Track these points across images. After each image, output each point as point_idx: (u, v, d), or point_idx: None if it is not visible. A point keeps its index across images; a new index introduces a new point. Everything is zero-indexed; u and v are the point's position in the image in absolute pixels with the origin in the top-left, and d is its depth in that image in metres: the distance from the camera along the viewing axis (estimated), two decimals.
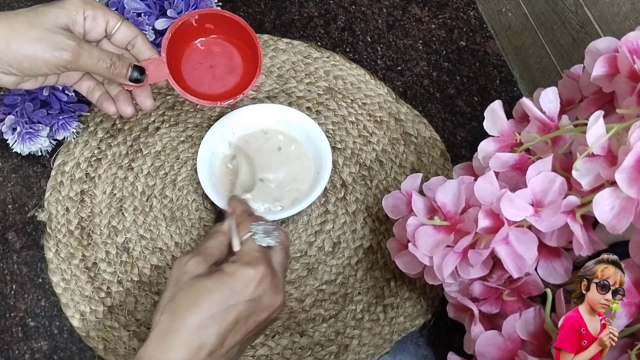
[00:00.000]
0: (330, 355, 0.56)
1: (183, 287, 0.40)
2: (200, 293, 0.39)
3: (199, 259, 0.41)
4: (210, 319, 0.38)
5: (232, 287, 0.39)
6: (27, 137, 0.59)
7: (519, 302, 0.48)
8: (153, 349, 0.38)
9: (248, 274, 0.40)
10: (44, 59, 0.45)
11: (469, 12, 0.80)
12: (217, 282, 0.39)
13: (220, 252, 0.43)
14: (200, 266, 0.41)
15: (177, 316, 0.38)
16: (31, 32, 0.44)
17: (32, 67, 0.45)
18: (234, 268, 0.40)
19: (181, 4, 0.66)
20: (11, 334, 0.56)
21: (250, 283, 0.40)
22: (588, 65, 0.46)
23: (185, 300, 0.39)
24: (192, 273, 0.40)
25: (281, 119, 0.64)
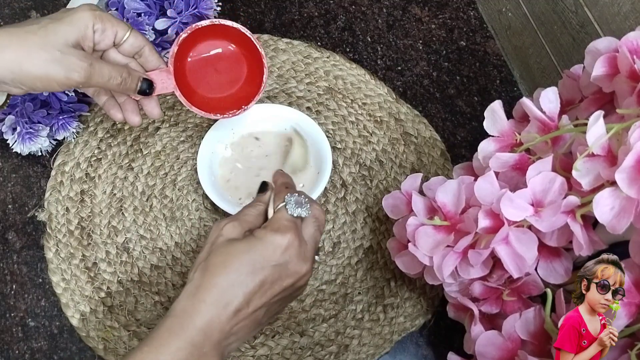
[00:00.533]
0: (330, 355, 0.56)
1: (216, 248, 0.42)
2: (230, 254, 0.42)
3: (235, 224, 0.44)
4: (238, 279, 0.41)
5: (261, 251, 0.42)
6: (27, 137, 0.59)
7: (519, 302, 0.48)
8: (184, 303, 0.40)
9: (276, 240, 0.42)
10: (56, 80, 0.46)
11: (469, 12, 0.80)
12: (247, 246, 0.42)
13: (256, 219, 0.46)
14: (235, 230, 0.44)
15: (208, 274, 0.41)
16: (43, 54, 0.45)
17: (45, 86, 0.47)
18: (264, 233, 0.43)
19: (181, 4, 0.66)
20: (11, 334, 0.56)
21: (277, 249, 0.42)
22: (588, 65, 0.46)
23: (217, 260, 0.42)
24: (227, 236, 0.43)
25: (281, 118, 0.64)
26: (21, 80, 0.45)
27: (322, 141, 0.62)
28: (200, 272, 0.42)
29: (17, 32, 0.45)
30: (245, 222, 0.45)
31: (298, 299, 0.58)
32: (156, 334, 0.40)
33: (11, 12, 0.75)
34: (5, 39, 0.44)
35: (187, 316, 0.40)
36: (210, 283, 0.40)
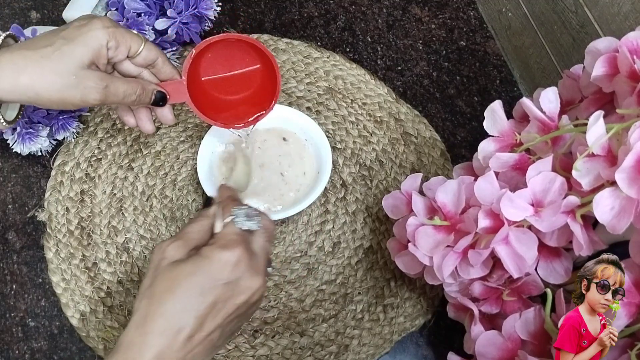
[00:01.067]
0: (330, 355, 0.56)
1: (160, 272, 0.40)
2: (176, 278, 0.39)
3: (179, 244, 0.41)
4: (187, 303, 0.38)
5: (208, 270, 0.39)
6: (27, 137, 0.59)
7: (519, 302, 0.48)
8: (132, 335, 0.38)
9: (224, 256, 0.40)
10: (72, 103, 0.46)
11: (469, 12, 0.80)
12: (193, 266, 0.39)
13: (201, 236, 0.43)
14: (179, 251, 0.41)
15: (154, 302, 0.38)
16: (59, 80, 0.45)
17: (61, 107, 0.47)
18: (210, 251, 0.40)
19: (181, 4, 0.66)
20: (11, 334, 0.56)
21: (226, 266, 0.40)
22: (588, 65, 0.46)
23: (162, 285, 0.39)
24: (171, 258, 0.40)
25: (281, 118, 0.64)
26: (37, 103, 0.46)
27: (322, 141, 0.62)
28: (145, 300, 0.39)
29: (32, 56, 0.44)
30: (189, 240, 0.42)
31: (298, 299, 0.58)
32: None
33: (11, 12, 0.75)
34: (21, 64, 0.44)
35: (136, 350, 0.37)
36: (157, 312, 0.38)
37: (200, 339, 0.39)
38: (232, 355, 0.55)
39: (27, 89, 0.44)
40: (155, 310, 0.38)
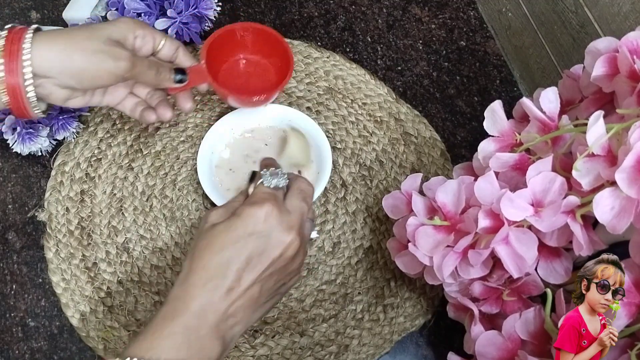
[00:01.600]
0: (330, 355, 0.56)
1: (201, 234, 0.43)
2: (213, 235, 0.42)
3: (220, 211, 0.45)
4: (223, 257, 0.41)
5: (240, 226, 0.42)
6: (27, 137, 0.59)
7: (519, 302, 0.48)
8: (176, 290, 0.41)
9: (253, 211, 0.43)
10: (105, 69, 0.48)
11: (469, 12, 0.80)
12: (227, 225, 0.43)
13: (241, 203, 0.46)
14: (219, 216, 0.44)
15: (195, 258, 0.42)
16: (91, 45, 0.47)
17: (94, 77, 0.48)
18: (242, 209, 0.43)
19: (181, 4, 0.66)
20: (11, 334, 0.56)
21: (256, 221, 0.42)
22: (588, 65, 0.46)
23: (202, 243, 0.42)
24: (211, 222, 0.44)
25: (281, 118, 0.64)
26: (71, 71, 0.47)
27: (322, 141, 0.62)
28: (188, 259, 0.42)
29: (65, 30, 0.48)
30: (230, 207, 0.45)
31: (298, 299, 0.58)
32: (151, 323, 0.40)
33: (11, 12, 0.75)
34: (53, 35, 0.47)
35: (180, 301, 0.40)
36: (198, 266, 0.41)
37: (240, 293, 0.41)
38: (232, 355, 0.55)
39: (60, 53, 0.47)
40: (196, 265, 0.41)
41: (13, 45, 0.46)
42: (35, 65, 0.46)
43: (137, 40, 0.52)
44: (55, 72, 0.47)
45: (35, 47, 0.46)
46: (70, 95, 0.50)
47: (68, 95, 0.50)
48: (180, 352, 0.38)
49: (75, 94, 0.51)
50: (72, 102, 0.51)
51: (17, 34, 0.46)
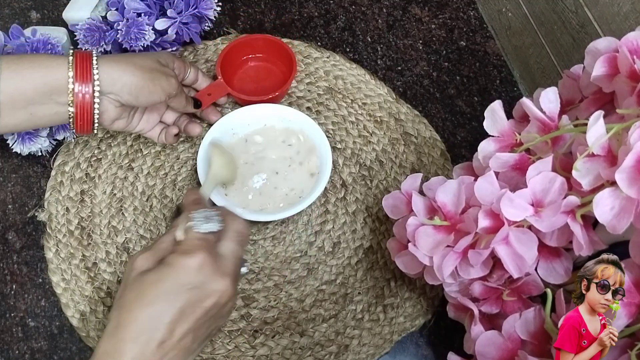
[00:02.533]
0: (330, 355, 0.56)
1: (130, 283, 0.41)
2: (143, 286, 0.40)
3: (147, 255, 0.43)
4: (155, 310, 0.39)
5: (172, 277, 0.40)
6: (27, 137, 0.59)
7: (519, 302, 0.48)
8: (105, 344, 0.39)
9: (186, 262, 0.41)
10: (160, 85, 0.53)
11: (469, 12, 0.80)
12: (158, 274, 0.41)
13: (169, 246, 0.44)
14: (147, 262, 0.42)
15: (124, 311, 0.40)
16: (148, 64, 0.53)
17: (151, 92, 0.53)
18: (173, 258, 0.41)
19: (181, 4, 0.66)
20: (11, 334, 0.56)
21: (188, 271, 0.40)
22: (588, 65, 0.46)
23: (131, 295, 0.40)
24: (139, 269, 0.42)
25: (281, 118, 0.64)
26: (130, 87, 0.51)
27: (321, 141, 0.62)
28: (116, 310, 0.40)
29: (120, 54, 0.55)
30: (158, 250, 0.43)
31: (298, 299, 0.58)
32: None
33: (11, 12, 0.75)
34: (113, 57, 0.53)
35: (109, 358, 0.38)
36: (127, 320, 0.39)
37: (172, 345, 0.39)
38: (232, 355, 0.55)
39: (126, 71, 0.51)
40: (125, 319, 0.39)
41: (84, 61, 0.50)
42: (101, 79, 0.50)
43: (175, 71, 0.58)
44: (117, 87, 0.51)
45: (101, 64, 0.50)
46: (119, 116, 0.54)
47: (118, 115, 0.54)
48: None
49: (123, 115, 0.55)
50: (117, 124, 0.55)
51: (84, 53, 0.50)
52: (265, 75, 0.71)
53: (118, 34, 0.64)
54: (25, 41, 0.60)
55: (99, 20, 0.65)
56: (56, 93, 0.49)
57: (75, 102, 0.50)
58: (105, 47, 0.65)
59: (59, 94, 0.49)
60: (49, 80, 0.48)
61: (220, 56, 0.67)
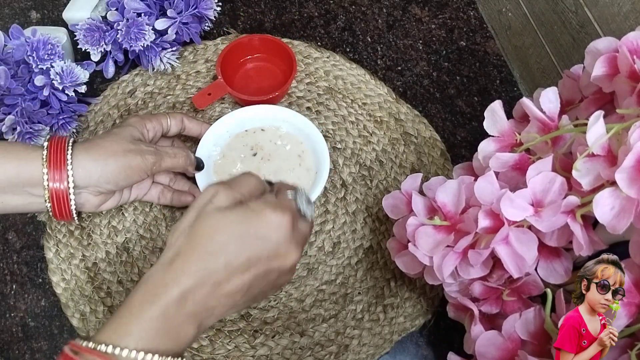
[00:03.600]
0: (330, 355, 0.56)
1: (205, 214, 0.40)
2: (220, 223, 0.39)
3: (229, 193, 0.41)
4: (224, 250, 0.38)
5: (253, 224, 0.39)
6: (27, 137, 0.59)
7: (519, 302, 0.48)
8: (162, 270, 0.38)
9: (272, 216, 0.40)
10: (136, 166, 0.51)
11: (469, 12, 0.80)
12: (239, 216, 0.39)
13: (250, 191, 0.43)
14: (227, 199, 0.41)
15: (192, 241, 0.39)
16: (120, 147, 0.50)
17: (128, 176, 0.51)
18: (260, 206, 0.40)
19: (181, 4, 0.66)
20: (11, 334, 0.56)
21: (271, 225, 0.40)
22: (588, 65, 0.46)
23: (204, 228, 0.39)
24: (218, 204, 0.40)
25: (277, 119, 0.64)
26: (107, 176, 0.50)
27: (319, 141, 0.62)
28: (183, 238, 0.39)
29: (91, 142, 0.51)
30: (240, 191, 0.42)
31: (298, 299, 0.58)
32: (129, 303, 0.37)
33: (11, 12, 0.75)
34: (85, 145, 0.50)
35: (162, 285, 0.37)
36: (194, 252, 0.38)
37: (226, 290, 0.39)
38: (232, 355, 0.55)
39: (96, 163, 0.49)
40: (192, 250, 0.38)
41: (57, 155, 0.48)
42: (76, 175, 0.49)
43: (149, 133, 0.55)
44: (94, 180, 0.49)
45: (76, 157, 0.49)
46: (104, 200, 0.53)
47: (102, 201, 0.53)
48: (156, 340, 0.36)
49: (108, 197, 0.53)
50: (104, 206, 0.54)
51: (58, 144, 0.49)
52: (265, 75, 0.71)
53: (118, 34, 0.64)
54: (25, 41, 0.60)
55: (99, 20, 0.65)
56: (29, 186, 0.48)
57: (50, 197, 0.48)
58: (105, 47, 0.65)
59: (32, 187, 0.48)
60: (22, 172, 0.47)
61: (220, 56, 0.67)
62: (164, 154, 0.53)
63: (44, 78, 0.59)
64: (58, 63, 0.60)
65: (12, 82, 0.58)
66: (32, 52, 0.59)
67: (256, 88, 0.69)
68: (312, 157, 0.62)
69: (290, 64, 0.68)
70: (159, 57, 0.66)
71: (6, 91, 0.58)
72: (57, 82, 0.59)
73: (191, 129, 0.60)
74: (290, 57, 0.68)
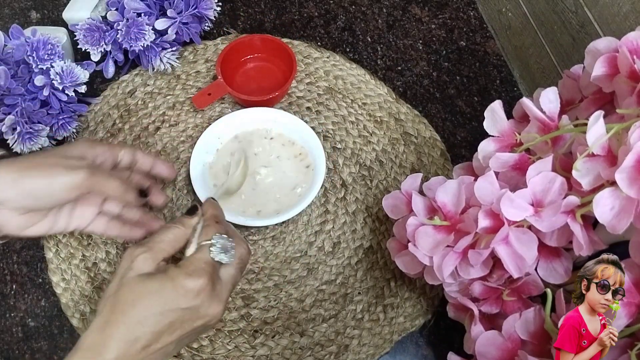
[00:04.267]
0: (330, 355, 0.56)
1: (127, 283, 0.41)
2: (141, 293, 0.40)
3: (147, 256, 0.42)
4: (146, 318, 0.40)
5: (171, 293, 0.41)
6: (27, 137, 0.59)
7: (519, 302, 0.48)
8: (92, 337, 0.39)
9: (188, 283, 0.41)
10: (58, 182, 0.44)
11: (469, 12, 0.80)
12: (158, 285, 0.41)
13: (173, 247, 0.44)
14: (147, 263, 0.42)
15: (117, 310, 0.40)
16: (47, 161, 0.45)
17: (50, 192, 0.44)
18: (176, 274, 0.41)
19: (181, 4, 0.66)
20: (11, 334, 0.56)
21: (188, 293, 0.41)
22: (588, 65, 0.46)
23: (127, 296, 0.40)
24: (138, 270, 0.42)
25: (270, 121, 0.64)
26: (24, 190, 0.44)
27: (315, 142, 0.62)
28: (109, 306, 0.40)
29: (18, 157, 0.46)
30: (160, 251, 0.43)
31: (298, 299, 0.58)
32: None
33: (11, 12, 0.75)
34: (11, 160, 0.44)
35: (96, 352, 0.39)
36: (119, 319, 0.40)
37: (155, 349, 0.41)
38: (232, 355, 0.55)
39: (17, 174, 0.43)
40: (116, 318, 0.40)
41: None
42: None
43: (97, 158, 0.49)
44: (10, 194, 0.43)
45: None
46: (28, 222, 0.46)
47: (25, 222, 0.46)
48: None
49: (34, 219, 0.47)
50: (32, 230, 0.47)
51: None
52: (265, 75, 0.71)
53: (118, 34, 0.64)
54: (25, 41, 0.60)
55: (99, 20, 0.65)
56: None
57: None
58: (105, 47, 0.65)
59: None
60: None
61: (220, 56, 0.67)
62: (99, 172, 0.46)
63: (44, 78, 0.59)
64: (58, 63, 0.60)
65: (12, 82, 0.58)
66: (32, 52, 0.59)
67: (256, 88, 0.69)
68: (308, 158, 0.62)
69: (290, 64, 0.68)
70: (159, 57, 0.66)
71: (6, 91, 0.58)
72: (57, 82, 0.59)
73: (144, 163, 0.53)
74: (290, 57, 0.68)
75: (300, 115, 0.67)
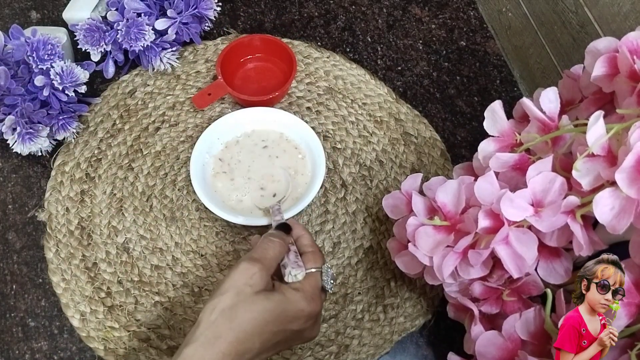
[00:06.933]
0: (330, 355, 0.56)
1: (244, 299, 0.42)
2: (259, 312, 0.42)
3: (264, 274, 0.44)
4: (260, 335, 0.42)
5: (288, 314, 0.43)
6: (27, 137, 0.59)
7: (519, 302, 0.48)
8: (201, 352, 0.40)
9: (307, 308, 0.44)
10: None
11: (469, 12, 0.80)
12: (277, 305, 0.43)
13: (277, 263, 0.46)
14: (263, 281, 0.44)
15: (233, 325, 0.41)
16: None
17: None
18: (297, 298, 0.44)
19: (181, 4, 0.66)
20: (11, 334, 0.56)
21: (302, 316, 0.44)
22: (588, 65, 0.46)
23: (244, 313, 0.41)
24: (256, 287, 0.43)
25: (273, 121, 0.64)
26: None
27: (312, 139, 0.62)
28: (223, 319, 0.41)
29: None
30: (270, 268, 0.45)
31: None
32: None
33: (11, 12, 0.75)
34: None
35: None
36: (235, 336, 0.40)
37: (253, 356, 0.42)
38: None
39: None
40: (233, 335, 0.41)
41: None
42: None
43: None
44: None
45: None
46: None
47: None
48: None
49: None
50: None
51: None
52: (265, 75, 0.71)
53: (118, 34, 0.64)
54: (25, 41, 0.60)
55: (99, 20, 0.65)
56: None
57: None
58: (105, 47, 0.65)
59: None
60: None
61: (220, 56, 0.67)
62: None
63: (44, 78, 0.59)
64: (58, 63, 0.60)
65: (12, 82, 0.58)
66: (32, 52, 0.59)
67: (256, 88, 0.69)
68: (308, 158, 0.62)
69: (290, 64, 0.68)
70: (159, 57, 0.66)
71: (6, 91, 0.58)
72: (57, 83, 0.59)
73: None
74: (290, 57, 0.68)
75: (300, 115, 0.67)
